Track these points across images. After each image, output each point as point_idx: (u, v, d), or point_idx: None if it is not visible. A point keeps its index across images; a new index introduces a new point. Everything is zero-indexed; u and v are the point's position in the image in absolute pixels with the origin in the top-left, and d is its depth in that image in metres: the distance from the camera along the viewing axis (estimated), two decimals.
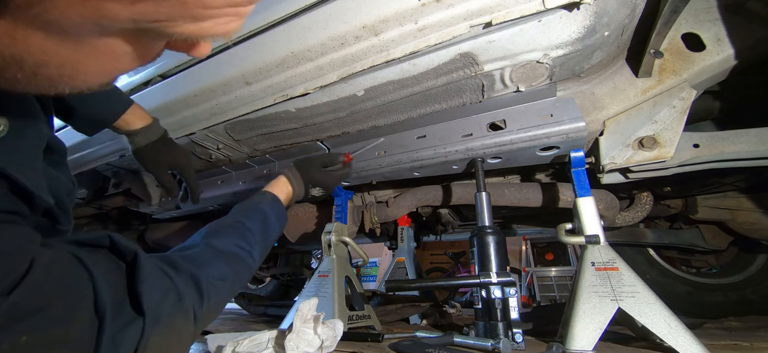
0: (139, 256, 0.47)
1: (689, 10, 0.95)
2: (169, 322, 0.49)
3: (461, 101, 1.05)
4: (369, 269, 4.48)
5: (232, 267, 0.69)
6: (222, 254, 0.69)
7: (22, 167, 0.39)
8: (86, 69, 0.32)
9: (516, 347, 0.88)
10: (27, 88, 0.31)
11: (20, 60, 0.28)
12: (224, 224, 0.78)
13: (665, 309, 0.78)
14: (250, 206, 0.87)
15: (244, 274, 0.73)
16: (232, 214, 0.84)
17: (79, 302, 0.38)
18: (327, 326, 0.87)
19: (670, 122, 0.93)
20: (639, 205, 1.42)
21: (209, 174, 1.63)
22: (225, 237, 0.74)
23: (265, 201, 0.91)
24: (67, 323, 0.36)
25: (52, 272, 0.37)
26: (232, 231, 0.76)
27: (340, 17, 0.86)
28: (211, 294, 0.62)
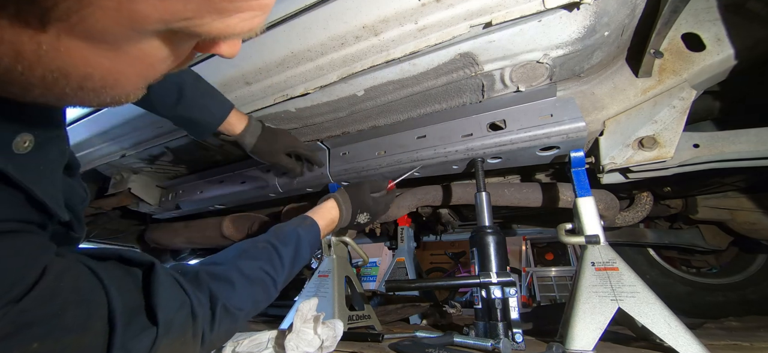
0: (155, 267, 0.48)
1: (689, 10, 0.95)
2: (179, 336, 0.49)
3: (461, 101, 1.05)
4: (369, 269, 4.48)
5: (252, 295, 0.67)
6: (246, 280, 0.67)
7: (42, 181, 0.40)
8: (126, 77, 0.33)
9: (516, 347, 0.88)
10: (73, 101, 0.33)
11: (66, 73, 0.29)
12: (257, 244, 0.76)
13: (665, 309, 0.78)
14: (287, 231, 0.83)
15: (262, 302, 0.71)
16: (268, 234, 0.81)
17: (92, 310, 0.39)
18: (327, 326, 0.87)
19: (670, 122, 0.93)
20: (639, 205, 1.42)
21: (209, 174, 1.63)
22: (254, 261, 0.71)
23: (303, 226, 0.87)
24: (79, 331, 0.37)
25: (64, 280, 0.38)
26: (262, 254, 0.74)
27: (340, 17, 0.86)
28: (224, 321, 0.60)
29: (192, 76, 0.94)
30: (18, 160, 0.37)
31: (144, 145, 1.42)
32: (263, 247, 0.76)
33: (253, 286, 0.68)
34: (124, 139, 1.41)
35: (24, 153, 0.38)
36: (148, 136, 1.38)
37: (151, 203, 1.77)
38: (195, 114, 0.95)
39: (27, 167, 0.38)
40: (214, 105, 0.98)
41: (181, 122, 0.98)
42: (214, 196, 1.59)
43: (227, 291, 0.62)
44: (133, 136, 1.39)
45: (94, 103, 0.34)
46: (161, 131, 1.33)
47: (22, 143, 0.38)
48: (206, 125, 0.97)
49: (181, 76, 0.90)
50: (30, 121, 0.40)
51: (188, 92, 0.92)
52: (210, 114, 0.97)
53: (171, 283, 0.51)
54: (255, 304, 0.68)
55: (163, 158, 1.53)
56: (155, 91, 0.86)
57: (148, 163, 1.58)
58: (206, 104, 0.96)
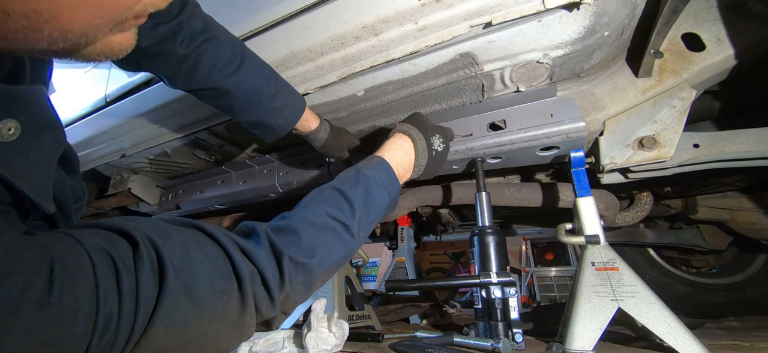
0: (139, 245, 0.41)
1: (689, 10, 0.95)
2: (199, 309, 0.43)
3: (461, 101, 1.05)
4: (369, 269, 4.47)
5: (323, 242, 0.60)
6: (312, 226, 0.60)
7: (30, 170, 0.37)
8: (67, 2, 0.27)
9: (516, 347, 0.88)
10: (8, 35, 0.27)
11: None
12: (322, 191, 0.68)
13: (665, 309, 0.78)
14: (351, 173, 0.72)
15: (336, 250, 0.62)
16: (333, 180, 0.71)
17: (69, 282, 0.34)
18: (338, 325, 0.91)
19: (670, 122, 0.93)
20: (639, 205, 1.42)
21: (209, 174, 1.63)
22: (318, 206, 0.63)
23: (369, 166, 0.74)
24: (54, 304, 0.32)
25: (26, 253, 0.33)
26: (327, 200, 0.65)
27: (340, 17, 0.86)
28: (296, 275, 0.54)
29: (267, 73, 0.88)
30: (1, 148, 0.35)
31: (144, 145, 1.42)
32: (328, 194, 0.67)
33: (321, 232, 0.60)
34: (123, 139, 1.41)
35: (8, 141, 0.36)
36: (148, 136, 1.38)
37: (151, 203, 1.77)
38: (271, 118, 0.90)
39: (12, 156, 0.36)
40: (292, 105, 0.93)
41: (257, 126, 0.92)
42: (214, 196, 1.59)
43: (292, 242, 0.56)
44: (132, 136, 1.39)
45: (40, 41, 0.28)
46: (160, 131, 1.33)
47: (6, 129, 0.35)
48: (282, 125, 0.92)
49: (258, 78, 0.85)
50: (13, 105, 0.37)
51: (265, 93, 0.86)
52: (288, 114, 0.92)
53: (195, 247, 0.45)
54: (328, 251, 0.60)
55: (163, 158, 1.53)
56: (235, 95, 0.84)
57: (148, 163, 1.58)
58: (285, 104, 0.91)
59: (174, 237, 0.44)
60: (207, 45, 0.79)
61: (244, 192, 1.51)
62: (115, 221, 0.43)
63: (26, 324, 0.30)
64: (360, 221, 0.66)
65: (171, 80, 0.82)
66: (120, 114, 1.28)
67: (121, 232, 0.41)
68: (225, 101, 0.85)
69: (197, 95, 0.85)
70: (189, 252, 0.44)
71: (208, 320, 0.44)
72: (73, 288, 0.34)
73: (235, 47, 0.83)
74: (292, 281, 0.53)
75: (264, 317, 0.52)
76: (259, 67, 0.86)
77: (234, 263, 0.47)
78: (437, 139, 0.86)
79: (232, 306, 0.47)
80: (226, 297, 0.46)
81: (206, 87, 0.82)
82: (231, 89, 0.82)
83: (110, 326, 0.36)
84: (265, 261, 0.51)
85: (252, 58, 0.86)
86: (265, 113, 0.88)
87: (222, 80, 0.81)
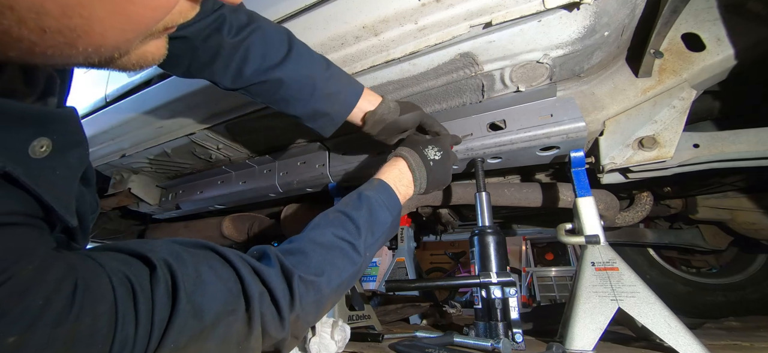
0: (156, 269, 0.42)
1: (689, 10, 0.95)
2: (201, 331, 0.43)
3: (461, 101, 1.05)
4: (369, 269, 4.47)
5: (329, 261, 0.61)
6: (319, 247, 0.61)
7: (57, 186, 0.38)
8: (97, 15, 0.28)
9: (516, 347, 0.88)
10: (46, 51, 0.28)
11: (10, 4, 0.24)
12: (327, 215, 0.70)
13: (665, 309, 0.78)
14: (353, 197, 0.75)
15: (344, 268, 0.63)
16: (337, 204, 0.74)
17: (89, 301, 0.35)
18: (339, 330, 0.91)
19: (670, 122, 0.93)
20: (639, 205, 1.42)
21: (209, 174, 1.63)
22: (324, 229, 0.65)
23: (370, 188, 0.77)
24: (72, 322, 0.33)
25: (50, 271, 0.34)
26: (332, 222, 0.67)
27: (339, 17, 0.86)
28: (306, 295, 0.54)
29: (318, 57, 0.84)
30: (32, 164, 0.36)
31: (144, 145, 1.42)
32: (334, 216, 0.69)
33: (329, 252, 0.62)
34: (123, 139, 1.41)
35: (40, 158, 0.37)
36: (148, 136, 1.38)
37: (151, 203, 1.77)
38: (327, 105, 0.84)
39: (41, 171, 0.37)
40: (349, 88, 0.86)
41: (314, 116, 0.86)
42: (214, 196, 1.59)
43: (301, 262, 0.57)
44: (132, 136, 1.39)
45: (76, 55, 0.30)
46: (160, 131, 1.33)
47: (38, 147, 0.36)
48: (340, 111, 0.86)
49: (310, 64, 0.81)
50: (47, 125, 0.38)
51: (319, 78, 0.82)
52: (344, 97, 0.86)
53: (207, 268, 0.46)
54: (336, 269, 0.61)
55: (163, 158, 1.53)
56: (288, 84, 0.79)
57: (148, 163, 1.58)
58: (341, 88, 0.85)
59: (187, 260, 0.45)
60: (254, 37, 0.77)
61: (244, 192, 1.51)
62: (132, 245, 0.44)
63: (43, 340, 0.31)
64: (366, 241, 0.68)
65: (222, 78, 0.79)
66: (120, 114, 1.28)
67: (139, 255, 0.43)
68: (279, 93, 0.81)
69: (249, 91, 0.82)
70: (200, 275, 0.45)
71: (212, 341, 0.44)
72: (93, 309, 0.35)
73: (281, 34, 0.80)
74: (303, 301, 0.54)
75: (273, 338, 0.52)
76: (308, 52, 0.82)
77: (244, 283, 0.48)
78: (431, 149, 0.87)
79: (238, 326, 0.47)
80: (232, 317, 0.46)
81: (259, 80, 0.79)
82: (283, 79, 0.79)
83: (125, 349, 0.37)
84: (276, 280, 0.51)
85: (300, 44, 0.82)
86: (321, 99, 0.83)
87: (274, 71, 0.78)
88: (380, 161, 1.00)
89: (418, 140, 0.89)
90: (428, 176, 0.85)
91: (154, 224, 2.06)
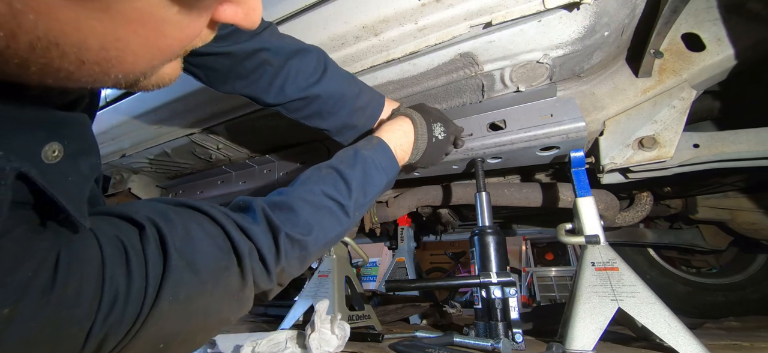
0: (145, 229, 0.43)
1: (689, 10, 0.95)
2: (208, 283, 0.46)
3: (461, 101, 1.05)
4: (369, 269, 4.48)
5: (318, 220, 0.61)
6: (308, 205, 0.61)
7: (70, 192, 0.39)
8: (130, 49, 0.30)
9: (516, 347, 0.88)
10: (84, 79, 0.30)
11: (56, 41, 0.26)
12: (319, 169, 0.69)
13: (665, 309, 0.78)
14: (349, 153, 0.74)
15: (331, 229, 0.63)
16: (332, 159, 0.73)
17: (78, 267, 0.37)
18: (340, 326, 0.91)
19: (670, 122, 0.93)
20: (639, 205, 1.42)
21: (209, 174, 1.63)
22: (315, 185, 0.65)
23: (368, 147, 0.75)
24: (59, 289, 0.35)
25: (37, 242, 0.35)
26: (324, 179, 0.67)
27: (340, 17, 0.86)
28: (291, 251, 0.56)
29: (346, 75, 0.89)
30: (45, 168, 0.37)
31: (144, 145, 1.42)
32: (326, 172, 0.68)
33: (318, 211, 0.62)
34: (123, 139, 1.41)
35: (53, 163, 0.38)
36: (148, 136, 1.38)
37: None
38: (355, 118, 0.90)
39: (54, 174, 0.38)
40: (373, 102, 0.92)
41: (343, 129, 0.91)
42: (214, 196, 1.59)
43: (289, 219, 0.57)
44: (132, 136, 1.39)
45: (106, 81, 0.32)
46: (160, 131, 1.33)
47: (50, 152, 0.38)
48: (365, 123, 0.92)
49: (341, 81, 0.86)
50: (58, 130, 0.39)
51: (349, 94, 0.87)
52: (371, 111, 0.92)
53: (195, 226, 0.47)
54: (322, 229, 0.62)
55: (163, 158, 1.53)
56: (324, 100, 0.85)
57: (148, 163, 1.58)
58: (368, 102, 0.91)
59: (173, 218, 0.46)
60: (295, 58, 0.82)
61: (244, 192, 1.52)
62: (116, 208, 0.46)
63: (32, 308, 0.33)
64: (356, 202, 0.68)
65: (265, 95, 0.83)
66: (120, 114, 1.28)
67: (125, 217, 0.44)
68: (314, 108, 0.86)
69: (287, 107, 0.86)
70: (189, 231, 0.46)
71: (210, 294, 0.47)
72: (79, 272, 0.36)
73: (318, 55, 0.85)
74: (288, 256, 0.56)
75: (261, 289, 0.55)
76: (339, 71, 0.88)
77: (233, 241, 0.49)
78: (439, 126, 0.87)
79: (233, 280, 0.49)
80: (227, 272, 0.48)
81: (297, 97, 0.84)
82: (321, 95, 0.84)
83: (116, 306, 0.38)
84: (262, 238, 0.53)
85: (332, 64, 0.87)
86: (351, 114, 0.89)
87: (312, 88, 0.83)
88: None
89: (429, 111, 0.89)
90: (426, 151, 0.85)
91: None
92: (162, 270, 0.42)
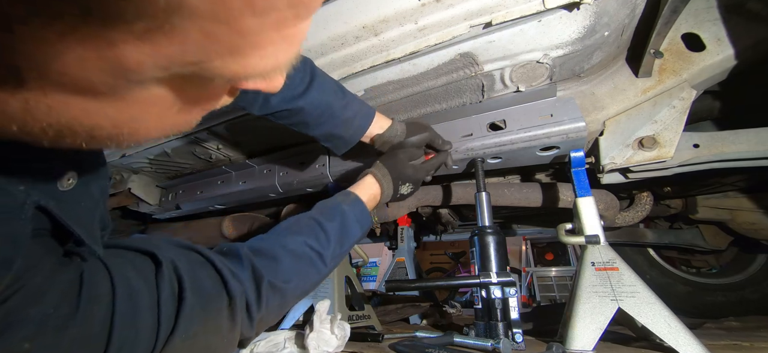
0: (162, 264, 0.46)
1: (689, 10, 0.95)
2: (205, 323, 0.48)
3: (461, 101, 1.05)
4: (369, 269, 4.48)
5: (298, 270, 0.66)
6: (290, 254, 0.65)
7: (82, 219, 0.41)
8: (143, 126, 0.30)
9: (516, 347, 0.88)
10: (93, 147, 0.30)
11: (70, 127, 0.26)
12: (300, 220, 0.74)
13: (665, 309, 0.78)
14: (330, 205, 0.81)
15: (310, 278, 0.69)
16: (312, 211, 0.79)
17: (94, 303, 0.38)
18: (339, 326, 0.91)
19: (670, 122, 0.93)
20: (639, 205, 1.42)
21: (209, 174, 1.63)
22: (297, 236, 0.69)
23: (347, 202, 0.83)
24: (79, 324, 0.36)
25: (59, 276, 0.37)
26: (305, 230, 0.72)
27: (340, 17, 0.86)
28: (271, 298, 0.59)
29: (334, 86, 0.90)
30: (61, 196, 0.38)
31: (144, 144, 1.42)
32: (307, 223, 0.73)
33: (298, 261, 0.66)
34: None
35: (67, 190, 0.39)
36: None
37: (151, 203, 1.77)
38: (342, 129, 0.92)
39: (68, 204, 0.39)
40: (361, 114, 0.93)
41: (330, 138, 0.94)
42: (214, 196, 1.59)
43: (271, 267, 0.61)
44: None
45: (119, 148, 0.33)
46: None
47: (66, 180, 0.39)
48: (353, 135, 0.94)
49: (327, 93, 0.87)
50: (74, 157, 0.40)
51: (335, 106, 0.89)
52: (358, 124, 0.93)
53: (198, 268, 0.50)
54: (302, 278, 0.66)
55: (163, 158, 1.53)
56: (308, 112, 0.86)
57: (148, 163, 1.58)
58: (355, 114, 0.92)
59: (182, 259, 0.49)
60: None
61: (244, 192, 1.51)
62: (138, 243, 0.49)
63: (49, 343, 0.34)
64: (334, 252, 0.74)
65: (251, 107, 0.84)
66: None
67: (147, 253, 0.47)
68: (299, 118, 0.87)
69: (274, 116, 0.88)
70: (195, 272, 0.50)
71: (212, 332, 0.50)
72: (91, 312, 0.38)
73: (304, 66, 0.84)
74: (269, 304, 0.59)
75: (243, 336, 0.58)
76: (326, 82, 0.88)
77: (226, 282, 0.53)
78: (406, 187, 0.95)
79: (225, 322, 0.53)
80: (223, 313, 0.52)
81: (283, 108, 0.84)
82: (305, 107, 0.85)
83: (125, 345, 0.40)
84: (248, 284, 0.56)
85: (320, 74, 0.87)
86: (338, 125, 0.90)
87: (296, 100, 0.84)
88: None
89: (400, 171, 0.95)
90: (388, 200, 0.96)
91: (153, 224, 2.06)
92: (177, 308, 0.45)
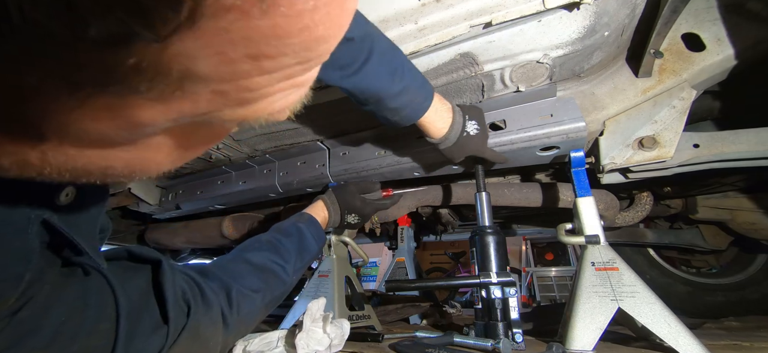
0: (162, 264, 0.50)
1: (689, 10, 0.95)
2: (194, 329, 0.53)
3: (461, 101, 1.05)
4: (369, 269, 4.48)
5: (264, 280, 0.73)
6: (254, 268, 0.73)
7: (83, 230, 0.42)
8: (155, 161, 0.30)
9: (516, 347, 0.88)
10: (107, 183, 0.31)
11: (85, 169, 0.27)
12: (260, 240, 0.82)
13: (665, 309, 0.78)
14: (286, 225, 0.90)
15: (276, 288, 0.76)
16: (269, 232, 0.87)
17: (99, 312, 0.41)
18: (335, 325, 0.89)
19: (670, 122, 0.93)
20: (639, 205, 1.42)
21: (209, 174, 1.63)
22: (259, 252, 0.77)
23: (301, 221, 0.93)
24: (85, 335, 0.38)
25: (67, 288, 0.39)
26: (266, 247, 0.80)
27: None
28: (242, 304, 0.65)
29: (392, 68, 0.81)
30: (61, 210, 0.39)
31: None
32: (266, 241, 0.81)
33: (262, 272, 0.73)
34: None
35: (65, 204, 0.40)
36: None
37: (151, 203, 1.77)
38: (388, 115, 0.87)
39: (69, 217, 0.40)
40: (413, 104, 0.86)
41: (374, 116, 0.89)
42: (214, 196, 1.59)
43: (238, 278, 0.67)
44: None
45: (132, 181, 0.34)
46: None
47: (64, 195, 0.40)
48: (399, 122, 0.89)
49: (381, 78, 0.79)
50: None
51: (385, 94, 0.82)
52: (406, 114, 0.87)
53: (178, 276, 0.53)
54: (268, 286, 0.73)
55: None
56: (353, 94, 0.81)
57: None
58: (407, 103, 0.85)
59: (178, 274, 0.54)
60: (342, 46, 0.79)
61: (244, 192, 1.51)
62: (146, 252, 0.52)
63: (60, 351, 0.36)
64: (294, 265, 0.82)
65: None
66: None
67: (151, 260, 0.51)
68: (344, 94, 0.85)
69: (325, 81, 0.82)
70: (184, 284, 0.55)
71: (212, 335, 0.57)
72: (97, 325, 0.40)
73: (362, 44, 0.75)
74: (241, 310, 0.65)
75: (223, 341, 0.64)
76: (383, 64, 0.78)
77: (204, 293, 0.58)
78: (353, 217, 1.07)
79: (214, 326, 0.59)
80: (216, 319, 0.59)
81: (329, 84, 0.80)
82: (350, 89, 0.80)
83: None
84: (221, 294, 0.63)
85: (378, 55, 0.77)
86: (383, 110, 0.86)
87: (342, 81, 0.78)
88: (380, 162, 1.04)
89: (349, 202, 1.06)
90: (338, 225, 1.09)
91: (153, 224, 2.06)
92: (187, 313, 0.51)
